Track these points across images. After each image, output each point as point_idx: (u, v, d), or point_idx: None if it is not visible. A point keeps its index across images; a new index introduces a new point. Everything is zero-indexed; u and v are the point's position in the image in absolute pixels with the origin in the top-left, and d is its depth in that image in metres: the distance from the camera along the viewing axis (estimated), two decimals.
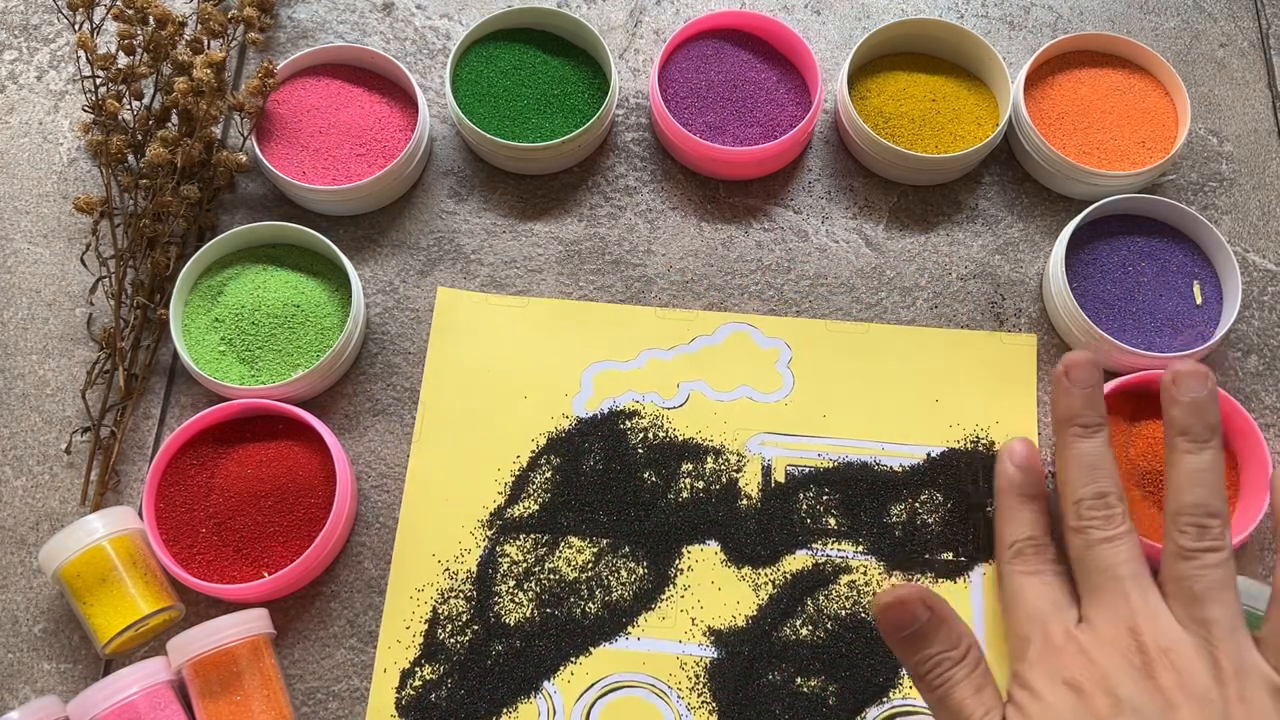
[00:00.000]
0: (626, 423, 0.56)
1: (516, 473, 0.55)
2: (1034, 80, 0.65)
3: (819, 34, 0.69)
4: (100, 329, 0.59)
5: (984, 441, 0.57)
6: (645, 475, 0.55)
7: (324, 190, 0.59)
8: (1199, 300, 0.60)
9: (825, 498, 0.55)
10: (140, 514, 0.53)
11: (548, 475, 0.55)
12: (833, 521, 0.54)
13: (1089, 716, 0.35)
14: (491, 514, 0.54)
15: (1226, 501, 0.40)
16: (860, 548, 0.54)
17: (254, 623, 0.50)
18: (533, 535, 0.53)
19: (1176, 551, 0.39)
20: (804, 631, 0.52)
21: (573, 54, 0.64)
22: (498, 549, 0.53)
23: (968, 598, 0.52)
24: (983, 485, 0.54)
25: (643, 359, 0.58)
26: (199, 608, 0.53)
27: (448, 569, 0.53)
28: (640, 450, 0.55)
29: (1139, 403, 0.58)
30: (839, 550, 0.54)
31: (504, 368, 0.57)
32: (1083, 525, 0.40)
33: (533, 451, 0.55)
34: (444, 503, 0.55)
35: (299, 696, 0.52)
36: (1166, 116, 0.64)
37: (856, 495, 0.55)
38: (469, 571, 0.53)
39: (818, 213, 0.63)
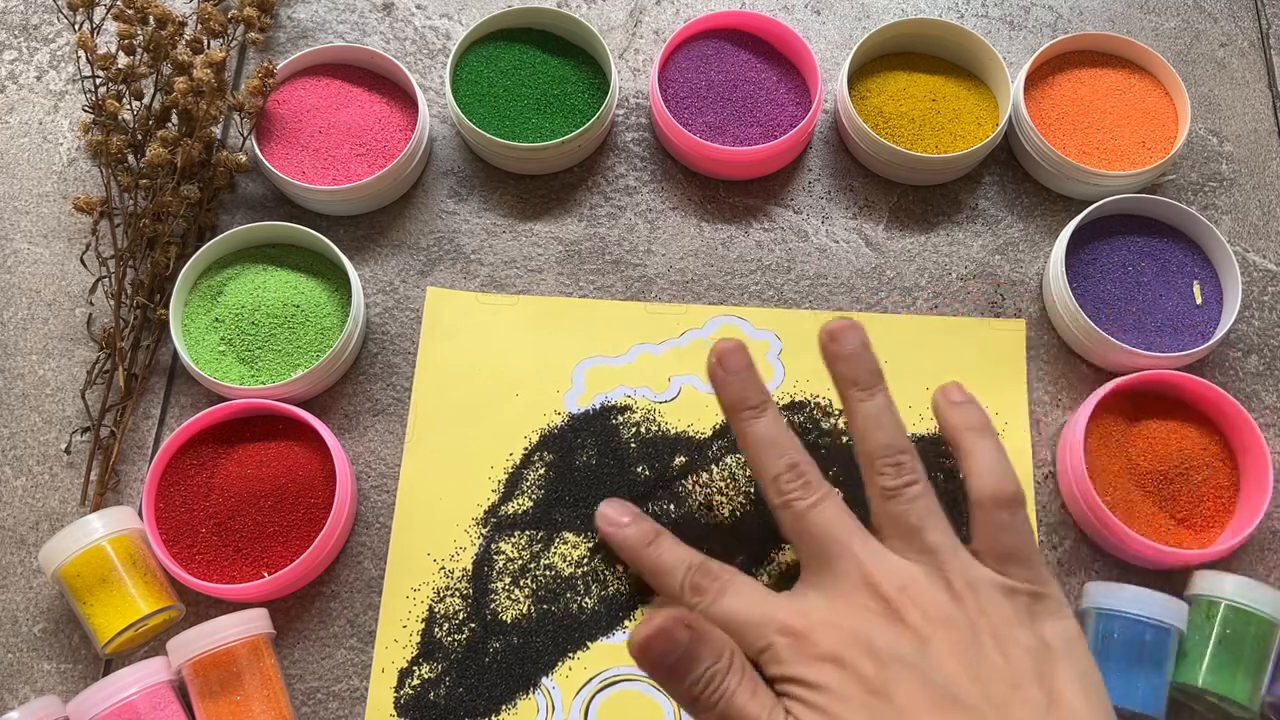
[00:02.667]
0: (619, 418, 0.56)
1: (510, 470, 0.55)
2: (1034, 80, 0.65)
3: (819, 34, 0.69)
4: (100, 329, 0.59)
5: None
6: (639, 469, 0.55)
7: (324, 190, 0.59)
8: (1199, 300, 0.60)
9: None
10: (140, 514, 0.53)
11: (541, 472, 0.55)
12: None
13: (858, 682, 0.35)
14: (486, 512, 0.54)
15: (907, 437, 0.41)
16: None
17: (254, 623, 0.50)
18: (527, 532, 0.54)
19: (882, 494, 0.40)
20: None
21: (573, 54, 0.64)
22: (493, 546, 0.53)
23: None
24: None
25: (633, 354, 0.58)
26: (199, 608, 0.53)
27: (443, 568, 0.53)
28: (633, 445, 0.55)
29: (1139, 403, 0.58)
30: None
31: (495, 366, 0.57)
32: (786, 500, 0.40)
33: (525, 448, 0.56)
34: (438, 502, 0.55)
35: (299, 696, 0.52)
36: (1166, 116, 0.64)
37: (850, 482, 0.55)
38: (465, 570, 0.53)
39: (818, 213, 0.63)
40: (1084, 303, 0.59)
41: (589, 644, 0.52)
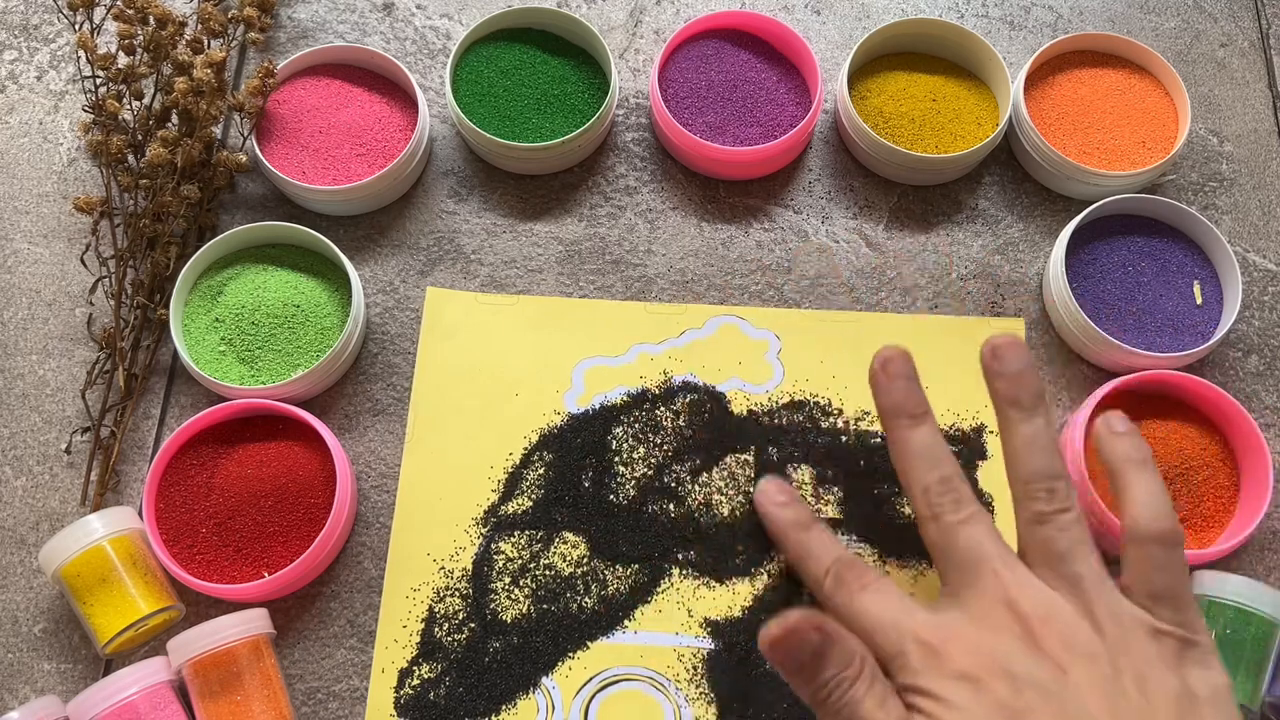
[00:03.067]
0: (618, 418, 0.56)
1: (510, 470, 0.55)
2: (1034, 80, 0.65)
3: (819, 34, 0.69)
4: (100, 329, 0.59)
5: (974, 426, 0.57)
6: (638, 470, 0.55)
7: (324, 190, 0.59)
8: (1199, 300, 0.60)
9: (819, 483, 0.55)
10: (140, 514, 0.53)
11: (540, 472, 0.55)
12: (829, 509, 0.54)
13: (992, 704, 0.34)
14: (486, 511, 0.54)
15: (1065, 463, 0.40)
16: (854, 535, 0.54)
17: (254, 623, 0.50)
18: (527, 531, 0.54)
19: (1032, 518, 0.39)
20: None
21: (573, 54, 0.64)
22: (493, 546, 0.53)
23: None
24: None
25: (633, 354, 0.58)
26: (199, 608, 0.53)
27: (443, 568, 0.53)
28: (632, 445, 0.56)
29: (1139, 403, 0.58)
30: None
31: (495, 366, 0.57)
32: (934, 512, 0.40)
33: (525, 448, 0.56)
34: (438, 501, 0.55)
35: (299, 696, 0.52)
36: (1167, 116, 0.64)
37: (851, 482, 0.55)
38: (464, 569, 0.53)
39: (818, 213, 0.63)
40: (1084, 303, 0.59)
41: (589, 643, 0.52)
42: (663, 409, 0.57)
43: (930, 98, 0.64)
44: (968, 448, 0.56)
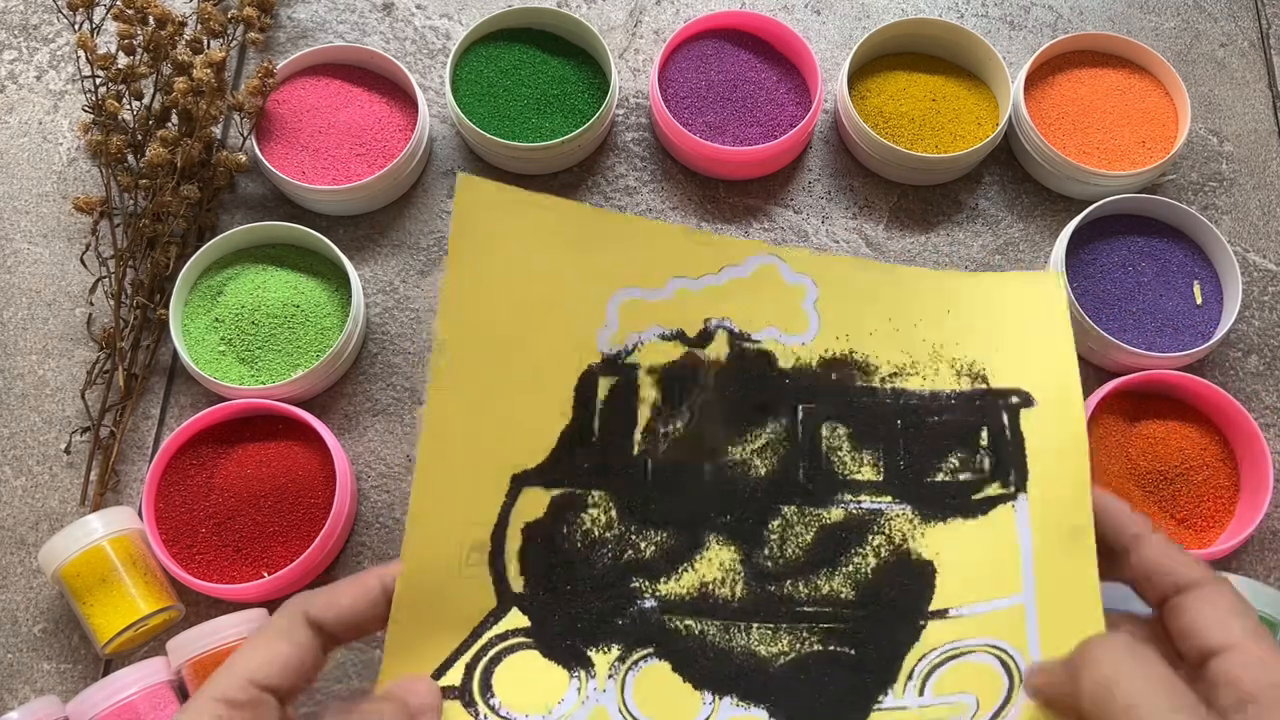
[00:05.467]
0: (644, 371, 0.51)
1: (540, 422, 0.49)
2: (1034, 80, 0.65)
3: (819, 34, 0.69)
4: (100, 329, 0.59)
5: (1019, 392, 0.53)
6: (670, 426, 0.51)
7: (324, 190, 0.59)
8: (1199, 300, 0.60)
9: (857, 443, 0.52)
10: (140, 514, 0.53)
11: (566, 425, 0.49)
12: (867, 471, 0.51)
13: None
14: (515, 471, 0.48)
15: None
16: (893, 497, 0.51)
17: (254, 623, 0.50)
18: (552, 491, 0.49)
19: None
20: (835, 587, 0.50)
21: (573, 54, 0.64)
22: (514, 509, 0.48)
23: (1014, 531, 0.49)
24: None
25: (670, 289, 0.53)
26: (199, 608, 0.53)
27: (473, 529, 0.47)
28: (658, 401, 0.51)
29: (1139, 403, 0.58)
30: (873, 502, 0.51)
31: (532, 287, 0.50)
32: None
33: (559, 397, 0.49)
34: (469, 456, 0.47)
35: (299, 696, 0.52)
36: (1167, 116, 0.64)
37: (889, 443, 0.52)
38: (484, 540, 0.47)
39: (818, 213, 0.63)
40: (1084, 303, 0.59)
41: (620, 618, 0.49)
42: (698, 356, 0.52)
43: (930, 98, 0.64)
44: (1017, 399, 0.52)
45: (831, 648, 0.48)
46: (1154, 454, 0.55)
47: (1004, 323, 0.54)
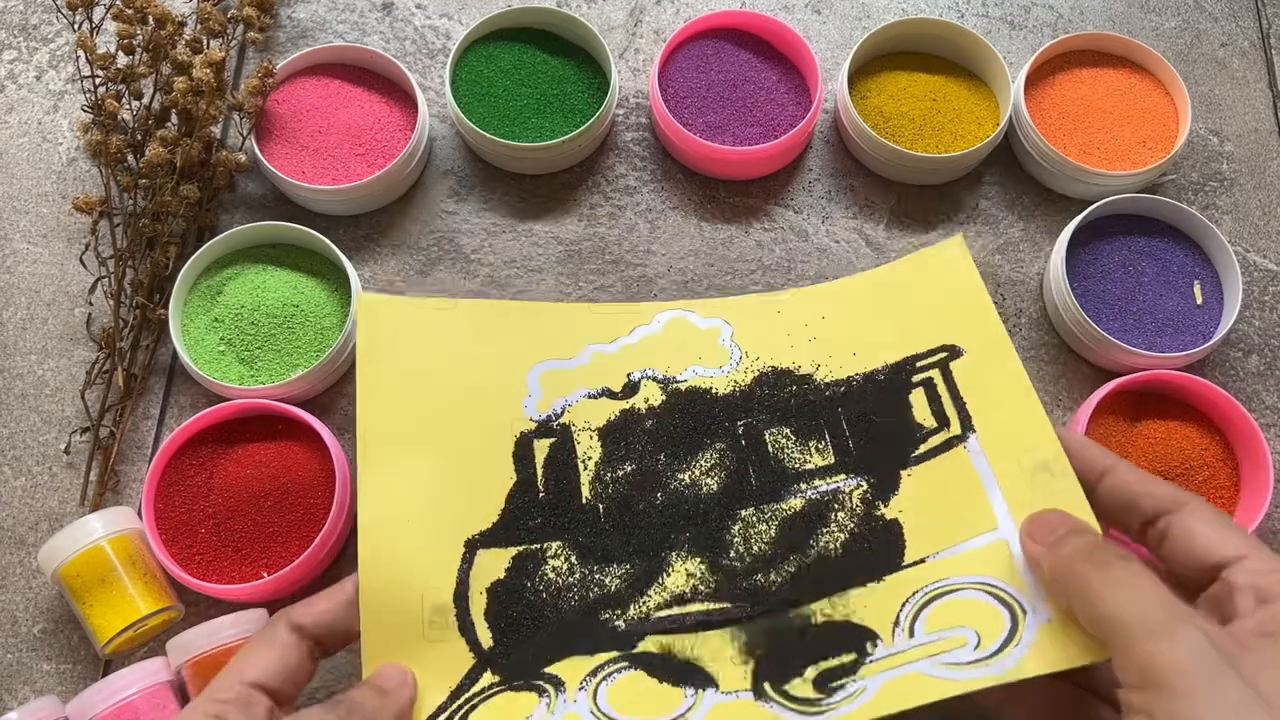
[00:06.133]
0: (581, 422, 0.53)
1: (483, 486, 0.50)
2: (1034, 80, 0.65)
3: (819, 33, 0.69)
4: (100, 329, 0.59)
5: (946, 347, 0.52)
6: (620, 468, 0.52)
7: (324, 190, 0.59)
8: (1199, 300, 0.60)
9: (802, 438, 0.52)
10: (140, 514, 0.53)
11: (511, 486, 0.51)
12: (818, 459, 0.52)
13: None
14: (467, 537, 0.49)
15: None
16: (848, 474, 0.51)
17: (254, 623, 0.50)
18: (509, 549, 0.50)
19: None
20: (808, 568, 0.49)
21: (573, 54, 0.64)
22: (473, 571, 0.49)
23: (971, 468, 0.49)
24: None
25: (587, 354, 0.55)
26: (199, 608, 0.53)
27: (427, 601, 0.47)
28: (603, 448, 0.52)
29: (1139, 403, 0.57)
30: (828, 484, 0.51)
31: (445, 376, 0.52)
32: None
33: (495, 463, 0.51)
34: (409, 532, 0.48)
35: (299, 698, 0.52)
36: (1167, 116, 0.64)
37: (834, 428, 0.52)
38: (445, 602, 0.47)
39: (818, 213, 0.63)
40: (1084, 303, 0.59)
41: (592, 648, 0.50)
42: (629, 405, 0.54)
43: (930, 98, 0.64)
44: (945, 352, 0.52)
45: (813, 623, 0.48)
46: (1154, 454, 0.55)
47: (920, 296, 0.55)
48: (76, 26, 0.60)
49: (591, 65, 0.64)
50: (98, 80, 0.61)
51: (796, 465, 0.52)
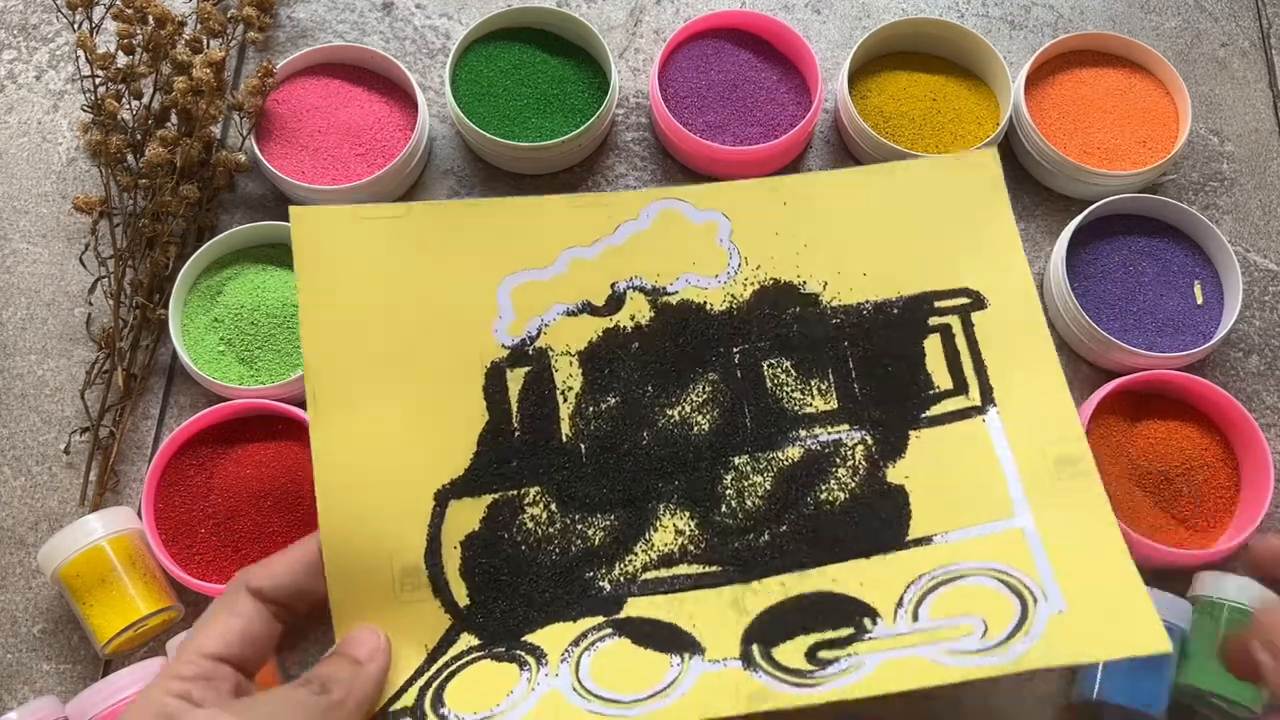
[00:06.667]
0: (560, 348, 0.48)
1: (450, 430, 0.45)
2: (1034, 80, 0.65)
3: (819, 33, 0.69)
4: (99, 329, 0.59)
5: (968, 292, 0.49)
6: (604, 401, 0.48)
7: (324, 190, 0.59)
8: (1200, 300, 0.60)
9: (804, 374, 0.48)
10: (139, 514, 0.53)
11: (483, 426, 0.46)
12: (819, 402, 0.48)
13: None
14: (436, 488, 0.45)
15: None
16: (850, 425, 0.47)
17: None
18: (483, 497, 0.45)
19: None
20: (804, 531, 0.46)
21: (573, 54, 0.64)
22: (444, 523, 0.45)
23: (991, 449, 0.46)
24: None
25: (563, 261, 0.48)
26: (198, 608, 0.53)
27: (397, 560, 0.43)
28: (583, 376, 0.47)
29: (1139, 402, 0.57)
30: (829, 433, 0.47)
31: (401, 299, 0.46)
32: None
33: (464, 402, 0.46)
34: (370, 486, 0.43)
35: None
36: (1167, 116, 0.64)
37: (839, 365, 0.48)
38: (416, 561, 0.44)
39: None
40: (1084, 303, 0.59)
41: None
42: (612, 323, 0.48)
43: (930, 98, 0.64)
44: (968, 298, 0.49)
45: (808, 590, 0.45)
46: (1155, 454, 0.55)
47: (943, 213, 0.50)
48: (76, 26, 0.60)
49: (591, 65, 0.64)
50: (98, 80, 0.61)
51: (796, 407, 0.48)
